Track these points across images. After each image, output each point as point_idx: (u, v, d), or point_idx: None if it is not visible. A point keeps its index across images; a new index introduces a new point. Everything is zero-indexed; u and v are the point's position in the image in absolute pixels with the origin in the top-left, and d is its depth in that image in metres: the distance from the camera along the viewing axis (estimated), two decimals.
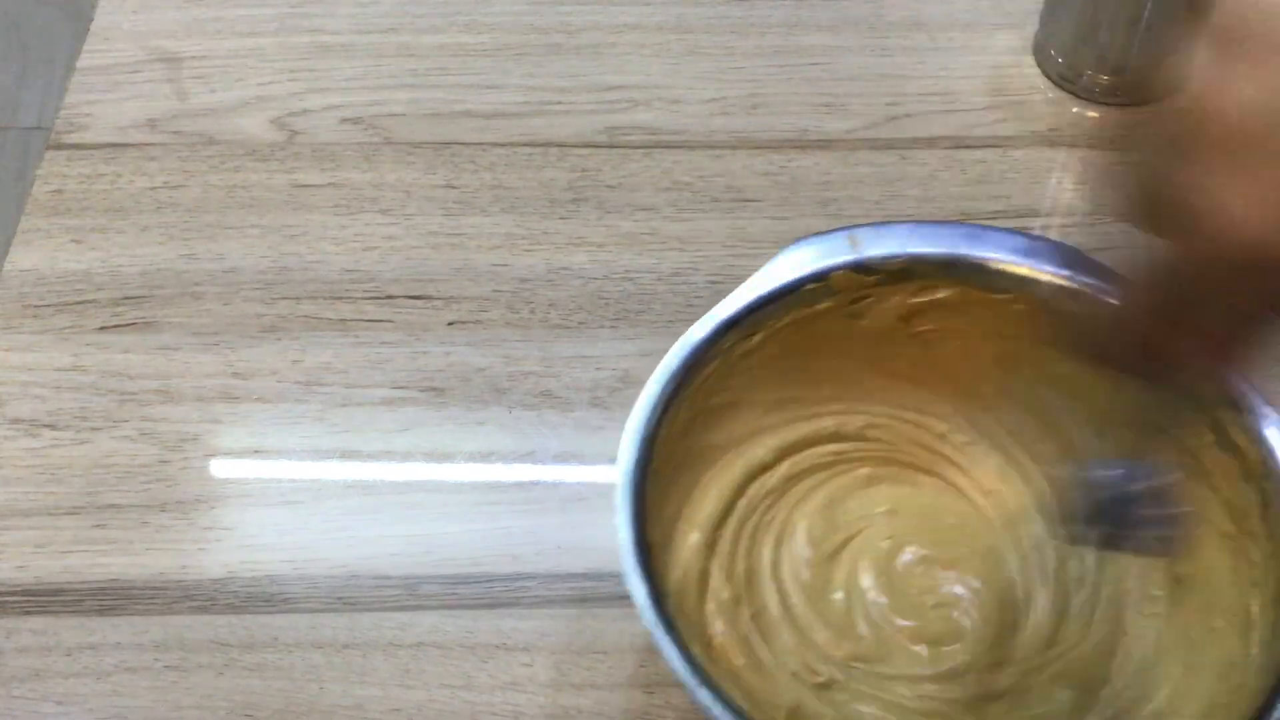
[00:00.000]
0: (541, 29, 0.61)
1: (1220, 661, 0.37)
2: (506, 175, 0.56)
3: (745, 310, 0.40)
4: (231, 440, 0.48)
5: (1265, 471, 0.36)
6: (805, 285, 0.40)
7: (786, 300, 0.40)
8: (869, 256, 0.40)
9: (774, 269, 0.40)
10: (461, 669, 0.43)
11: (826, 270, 0.40)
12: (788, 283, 0.40)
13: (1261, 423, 0.37)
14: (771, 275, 0.40)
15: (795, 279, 0.40)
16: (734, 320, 0.40)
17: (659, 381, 0.38)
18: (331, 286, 0.52)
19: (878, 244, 0.40)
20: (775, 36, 0.61)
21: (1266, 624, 0.36)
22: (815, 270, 0.40)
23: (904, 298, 0.41)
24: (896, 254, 0.40)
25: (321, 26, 0.61)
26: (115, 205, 0.55)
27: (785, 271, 0.40)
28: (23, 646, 0.43)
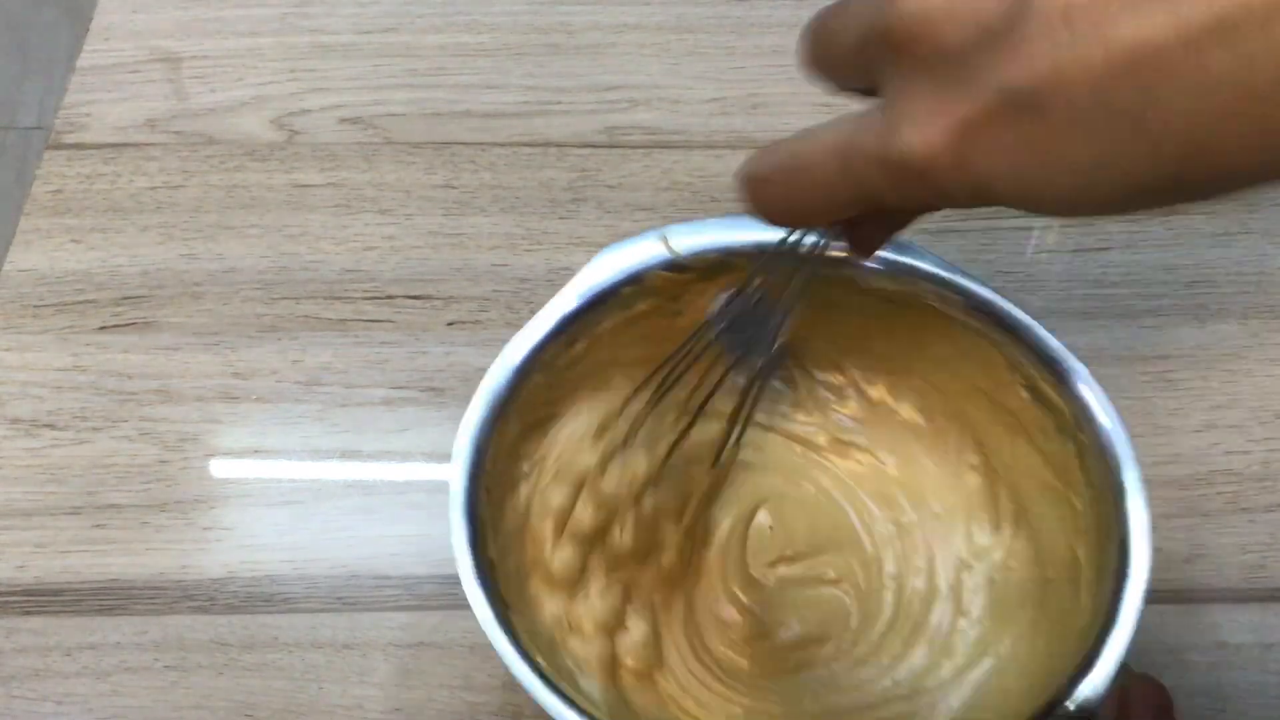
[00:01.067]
0: (541, 29, 0.61)
1: (1057, 610, 0.38)
2: (506, 175, 0.56)
3: (565, 320, 0.40)
4: (231, 440, 0.48)
5: (1078, 423, 0.38)
6: (622, 289, 0.40)
7: (604, 305, 0.40)
8: (681, 254, 0.40)
9: (588, 276, 0.40)
10: (461, 669, 0.43)
11: (640, 271, 0.40)
12: (604, 287, 0.40)
13: (1071, 378, 0.38)
14: (585, 282, 0.40)
15: (611, 283, 0.40)
16: (555, 331, 0.39)
17: (483, 401, 0.38)
18: (331, 286, 0.52)
19: (690, 241, 0.40)
20: (775, 36, 0.61)
21: (1093, 570, 0.37)
22: (630, 273, 0.40)
23: (720, 292, 0.41)
24: (708, 248, 0.40)
25: (321, 26, 0.61)
26: (115, 205, 0.55)
27: (600, 276, 0.40)
28: (23, 646, 0.43)
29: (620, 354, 0.42)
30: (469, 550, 0.36)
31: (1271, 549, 0.46)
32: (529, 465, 0.41)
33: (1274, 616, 0.45)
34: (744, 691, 0.40)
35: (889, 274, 0.40)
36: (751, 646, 0.41)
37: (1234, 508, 0.47)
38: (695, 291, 0.41)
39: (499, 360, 0.39)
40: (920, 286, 0.40)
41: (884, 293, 0.41)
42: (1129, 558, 0.35)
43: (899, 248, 0.40)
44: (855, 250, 0.37)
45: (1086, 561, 0.37)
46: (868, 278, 0.40)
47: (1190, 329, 0.52)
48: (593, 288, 0.40)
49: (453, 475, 0.37)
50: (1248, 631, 0.45)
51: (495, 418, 0.38)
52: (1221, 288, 0.53)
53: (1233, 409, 0.49)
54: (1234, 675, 0.44)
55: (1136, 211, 0.29)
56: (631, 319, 0.41)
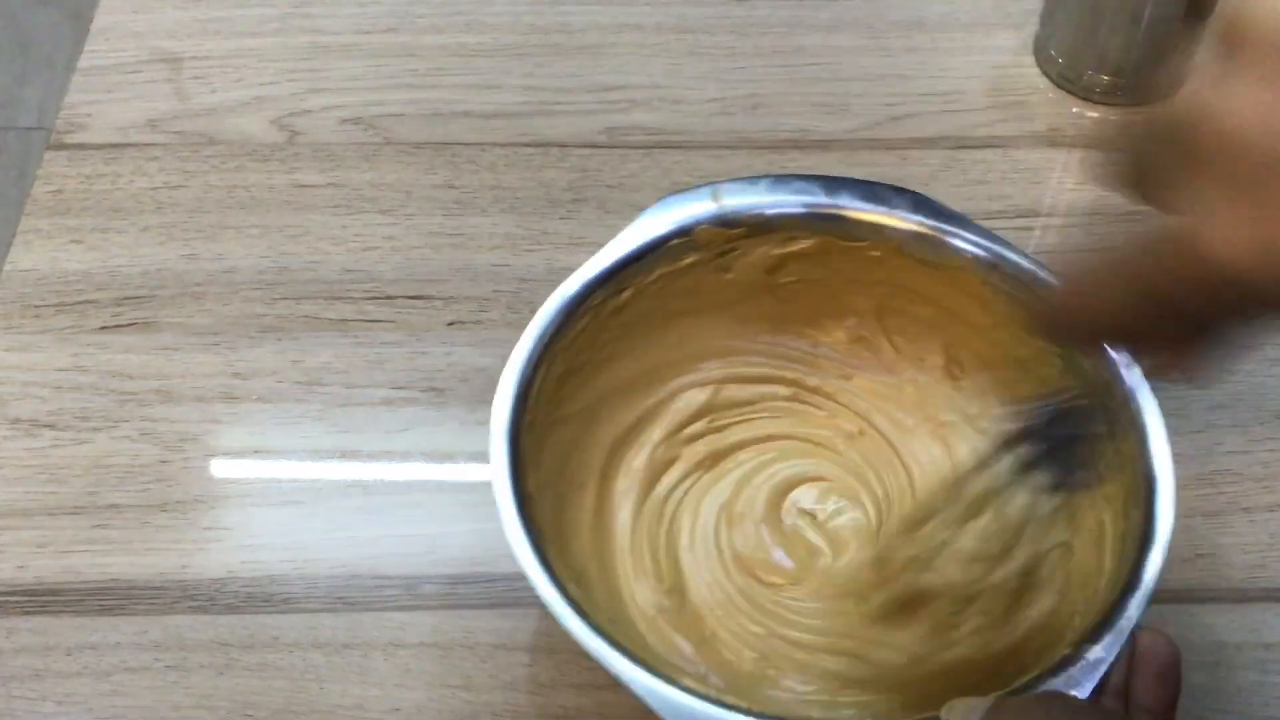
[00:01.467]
0: (541, 29, 0.61)
1: (1081, 573, 0.38)
2: (506, 175, 0.56)
3: (613, 267, 0.40)
4: (231, 440, 0.48)
5: (1108, 390, 0.38)
6: (670, 241, 0.41)
7: (653, 256, 0.41)
8: (730, 210, 0.41)
9: (640, 226, 0.41)
10: (461, 669, 0.43)
11: (690, 225, 0.41)
12: (653, 239, 0.41)
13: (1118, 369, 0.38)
14: (637, 233, 0.41)
15: (660, 235, 0.41)
16: (602, 278, 0.40)
17: (530, 339, 0.39)
18: (331, 286, 0.52)
19: (739, 198, 0.41)
20: (775, 36, 0.61)
21: (1117, 536, 0.37)
22: (679, 225, 0.41)
23: (767, 249, 0.42)
24: (757, 207, 0.41)
25: (321, 26, 0.61)
26: (115, 205, 0.55)
27: (651, 229, 0.41)
28: (23, 646, 0.43)
29: (666, 305, 0.42)
30: (509, 481, 0.36)
31: (1271, 549, 0.46)
32: (573, 406, 0.41)
33: (1274, 616, 0.45)
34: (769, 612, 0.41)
35: (930, 242, 0.41)
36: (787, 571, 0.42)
37: (1234, 508, 0.47)
38: (743, 248, 0.42)
39: (549, 300, 0.39)
40: (961, 256, 0.41)
41: (925, 260, 0.41)
42: (1154, 521, 0.36)
43: (946, 216, 0.41)
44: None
45: (1111, 528, 0.38)
46: (910, 243, 0.41)
47: None
48: (643, 238, 0.41)
49: (496, 407, 0.37)
50: (1248, 631, 0.45)
51: (540, 356, 0.39)
52: None
53: (1233, 409, 0.49)
54: (1234, 675, 0.44)
55: None
56: (678, 271, 0.42)
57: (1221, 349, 0.31)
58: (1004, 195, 0.55)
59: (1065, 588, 0.39)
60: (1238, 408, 0.49)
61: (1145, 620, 0.35)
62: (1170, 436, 0.48)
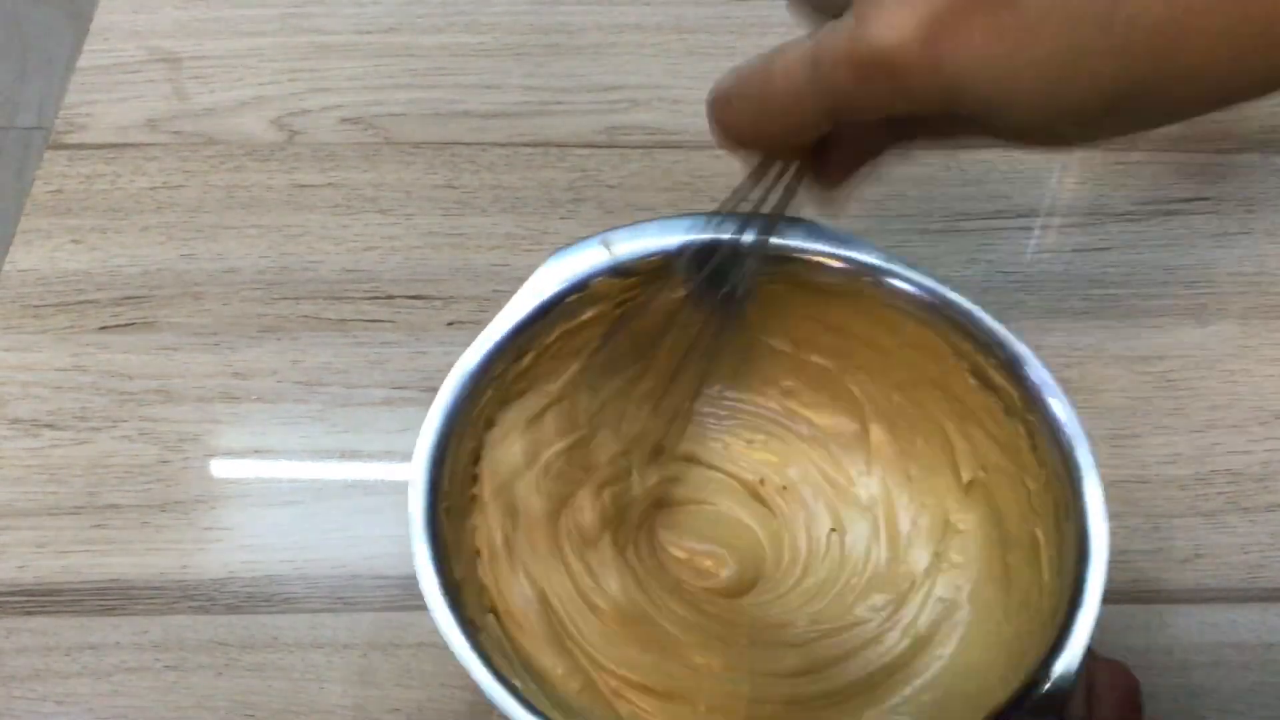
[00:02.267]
0: (541, 29, 0.61)
1: (1021, 591, 0.38)
2: (506, 175, 0.56)
3: (512, 333, 0.39)
4: (231, 440, 0.48)
5: (1026, 406, 0.38)
6: (567, 297, 0.40)
7: (550, 316, 0.40)
8: (624, 258, 0.40)
9: (533, 287, 0.40)
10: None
11: (585, 279, 0.40)
12: (549, 298, 0.40)
13: (1016, 361, 0.38)
14: (531, 293, 0.40)
15: (556, 293, 0.40)
16: (503, 345, 0.39)
17: (435, 421, 0.37)
18: (331, 286, 0.52)
19: (632, 245, 0.40)
20: (775, 36, 0.61)
21: (1053, 548, 0.37)
22: (574, 280, 0.40)
23: (666, 294, 0.41)
24: (651, 251, 0.40)
25: (321, 26, 0.61)
26: (115, 205, 0.55)
27: (545, 287, 0.40)
28: (23, 646, 0.43)
29: (564, 365, 0.41)
30: (434, 572, 0.35)
31: (1271, 549, 0.46)
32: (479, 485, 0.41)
33: (1274, 616, 0.45)
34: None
35: (831, 267, 0.40)
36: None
37: (1234, 508, 0.47)
38: (642, 295, 0.41)
39: (450, 377, 0.38)
40: (862, 278, 0.40)
41: (826, 286, 0.41)
42: (1088, 537, 0.35)
43: (840, 241, 0.40)
44: (824, 181, 0.36)
45: (1046, 542, 0.37)
46: (810, 272, 0.40)
47: (1190, 329, 0.52)
48: (539, 298, 0.39)
49: (411, 500, 0.36)
50: (1248, 631, 0.45)
51: (449, 435, 0.38)
52: (1221, 288, 0.53)
53: (1233, 409, 0.49)
54: (1234, 675, 0.44)
55: (1110, 134, 0.28)
56: (577, 327, 0.41)
57: (866, 158, 0.33)
58: (1004, 195, 0.55)
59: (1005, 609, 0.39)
60: (1238, 408, 0.49)
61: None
62: (1169, 438, 0.48)
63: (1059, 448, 0.37)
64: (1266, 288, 0.53)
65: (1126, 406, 0.49)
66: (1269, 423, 0.49)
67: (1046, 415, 0.37)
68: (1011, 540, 0.39)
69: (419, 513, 0.36)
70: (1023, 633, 0.37)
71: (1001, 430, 0.39)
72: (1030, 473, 0.38)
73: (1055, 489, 0.37)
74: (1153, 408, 0.49)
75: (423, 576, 0.35)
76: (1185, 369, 0.50)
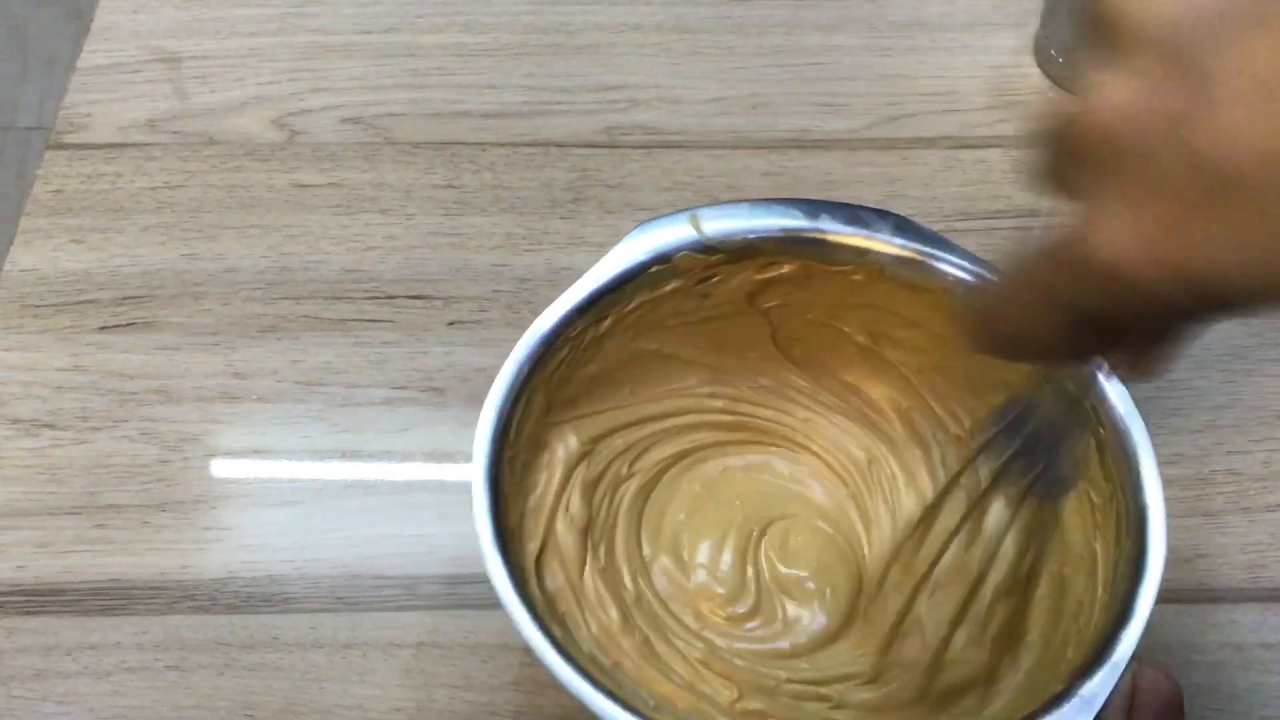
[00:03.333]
0: (541, 29, 0.61)
1: (1074, 603, 0.38)
2: (506, 175, 0.56)
3: (593, 296, 0.40)
4: (231, 440, 0.48)
5: (1099, 419, 0.38)
6: (650, 268, 0.40)
7: (633, 284, 0.40)
8: (711, 236, 0.40)
9: (619, 254, 0.40)
10: (461, 669, 0.43)
11: (670, 251, 0.40)
12: (633, 266, 0.40)
13: (1090, 369, 0.38)
14: (617, 260, 0.40)
15: (640, 262, 0.40)
16: (582, 306, 0.40)
17: (509, 372, 0.38)
18: (331, 286, 0.52)
19: (719, 223, 0.41)
20: (775, 36, 0.61)
21: (1109, 565, 0.37)
22: (659, 252, 0.40)
23: (748, 275, 0.42)
24: (737, 232, 0.41)
25: (321, 26, 0.61)
26: (115, 205, 0.55)
27: (630, 256, 0.40)
28: (23, 646, 0.43)
29: (645, 335, 0.42)
30: (489, 519, 0.36)
31: (1272, 549, 0.46)
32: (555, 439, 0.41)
33: (1274, 616, 0.45)
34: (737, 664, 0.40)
35: (913, 265, 0.40)
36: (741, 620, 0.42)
37: (1235, 507, 0.47)
38: (723, 274, 0.42)
39: (528, 333, 0.39)
40: (944, 278, 0.40)
41: (909, 283, 0.41)
42: (1146, 553, 0.35)
43: (929, 239, 0.40)
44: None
45: (1104, 556, 0.37)
46: (893, 267, 0.41)
47: None
48: (622, 266, 0.40)
49: (476, 444, 0.37)
50: (1248, 631, 0.45)
51: (520, 390, 0.38)
52: None
53: (1233, 409, 0.49)
54: (1235, 675, 0.44)
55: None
56: (658, 299, 0.41)
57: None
58: (1004, 195, 0.55)
59: (1056, 618, 0.39)
60: (1238, 408, 0.49)
61: (1145, 648, 0.35)
62: (1169, 438, 0.48)
63: (1127, 463, 0.37)
64: None
65: None
66: (1269, 423, 0.49)
67: (1117, 430, 0.37)
68: (1070, 552, 0.39)
69: (482, 461, 0.37)
70: (1069, 643, 0.37)
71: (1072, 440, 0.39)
72: (1096, 486, 0.38)
73: (1119, 503, 0.37)
74: (1153, 408, 0.49)
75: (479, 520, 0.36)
76: (1185, 369, 0.50)
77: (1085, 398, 0.37)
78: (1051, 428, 0.37)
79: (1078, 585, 0.38)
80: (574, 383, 0.42)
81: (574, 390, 0.42)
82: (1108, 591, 0.36)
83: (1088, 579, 0.38)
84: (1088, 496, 0.39)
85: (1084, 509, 0.39)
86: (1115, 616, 0.34)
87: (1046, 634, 0.39)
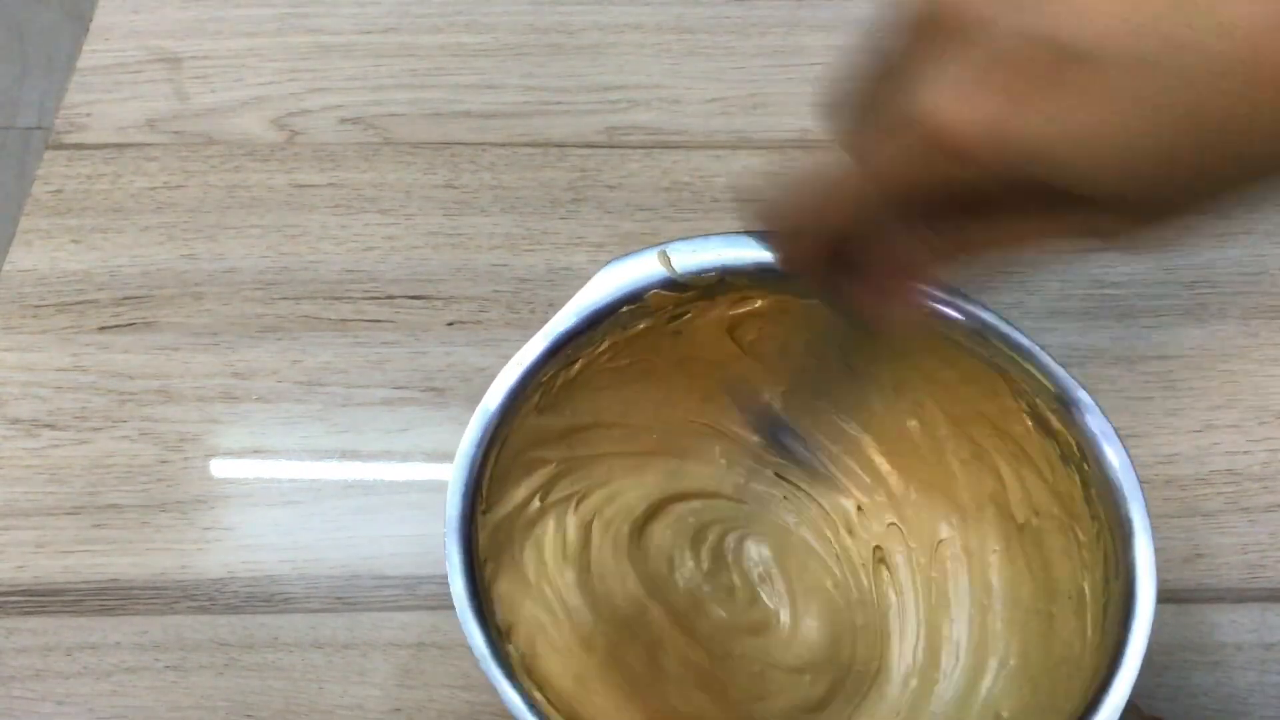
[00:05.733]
0: (541, 29, 0.61)
1: (1061, 644, 0.37)
2: (506, 175, 0.56)
3: (563, 339, 0.39)
4: (231, 440, 0.48)
5: (1083, 455, 0.37)
6: (621, 308, 0.39)
7: (603, 325, 0.39)
8: (682, 273, 0.39)
9: (587, 294, 0.39)
10: (461, 669, 0.43)
11: (640, 290, 0.39)
12: (602, 306, 0.39)
13: (1076, 408, 0.37)
14: (585, 300, 0.39)
15: (610, 301, 0.39)
16: (553, 349, 0.39)
17: (478, 424, 0.37)
18: (331, 286, 0.52)
19: (690, 259, 0.39)
20: (775, 36, 0.61)
21: (1098, 605, 0.36)
22: (629, 291, 0.39)
23: (722, 311, 0.41)
24: (708, 267, 0.39)
25: (321, 26, 0.61)
26: (115, 205, 0.55)
27: (599, 296, 0.39)
28: (23, 646, 0.43)
29: (616, 376, 0.41)
30: (463, 579, 0.35)
31: (1271, 549, 0.46)
32: (526, 489, 0.41)
33: (1274, 616, 0.45)
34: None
35: None
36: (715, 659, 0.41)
37: (1234, 508, 0.47)
38: (695, 310, 0.41)
39: (496, 383, 0.38)
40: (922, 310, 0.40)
41: None
42: (1135, 596, 0.34)
43: None
44: (864, 303, 0.34)
45: (1092, 596, 0.37)
46: None
47: (1190, 329, 0.52)
48: (591, 306, 0.39)
49: (449, 499, 0.36)
50: (1248, 631, 0.45)
51: (490, 441, 0.37)
52: (1221, 288, 0.53)
53: (1233, 409, 0.49)
54: (1234, 675, 0.44)
55: (1220, 185, 0.26)
56: (630, 338, 0.40)
57: (959, 247, 0.30)
58: None
59: (1046, 662, 0.38)
60: (1238, 408, 0.49)
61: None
62: (1168, 438, 0.48)
63: (1112, 501, 0.36)
64: (1267, 288, 0.53)
65: (1126, 406, 0.49)
66: (1269, 423, 0.49)
67: (1103, 466, 0.36)
68: (1058, 590, 0.39)
69: (455, 514, 0.36)
70: (1059, 686, 0.36)
71: (1056, 477, 0.38)
72: (1082, 524, 0.37)
73: (1105, 543, 0.36)
74: (1153, 408, 0.49)
75: (454, 580, 0.35)
76: (1185, 369, 0.50)
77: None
78: None
79: (1067, 626, 0.38)
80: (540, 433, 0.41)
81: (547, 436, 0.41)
82: (1098, 632, 0.35)
83: (1075, 618, 0.37)
84: (1073, 533, 0.38)
85: (1070, 547, 0.38)
86: (1109, 660, 0.34)
87: (1035, 677, 0.38)
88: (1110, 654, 0.34)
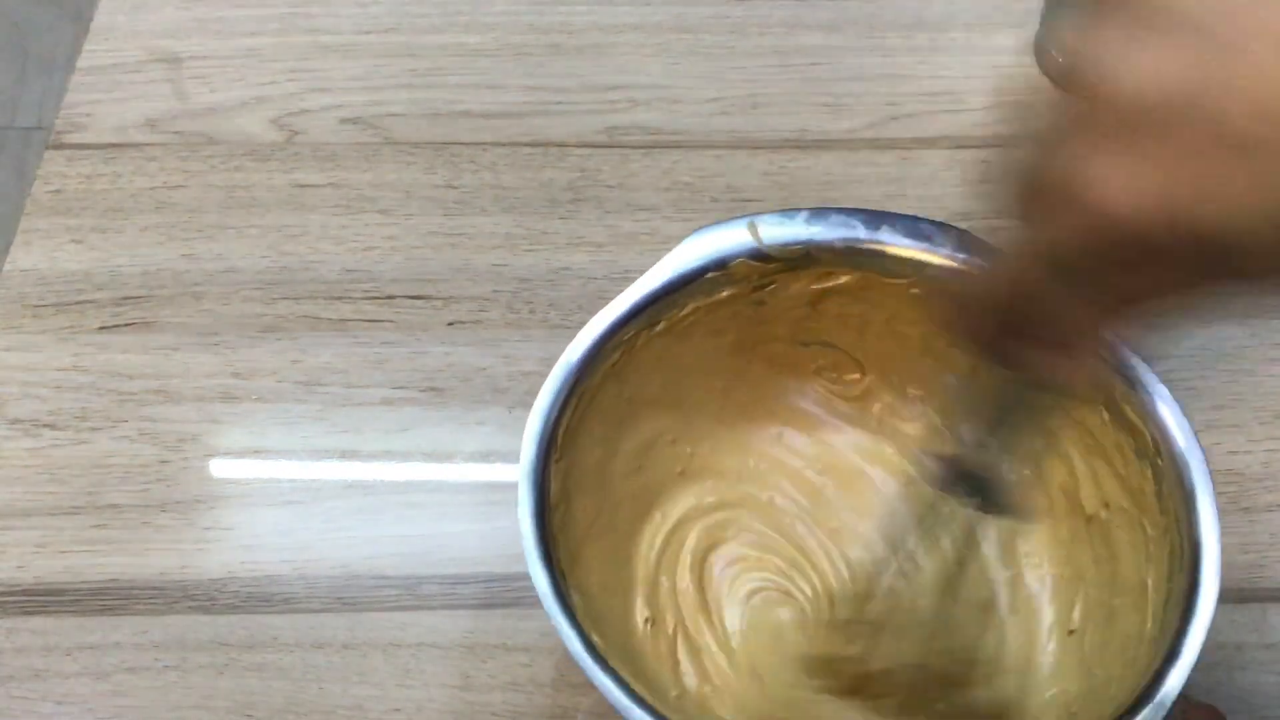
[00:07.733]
0: (541, 29, 0.61)
1: (1121, 636, 0.38)
2: (506, 175, 0.56)
3: (647, 300, 0.39)
4: (231, 440, 0.48)
5: (1157, 449, 0.37)
6: (706, 274, 0.40)
7: (688, 289, 0.40)
8: (768, 244, 0.40)
9: (675, 259, 0.40)
10: (461, 669, 0.43)
11: (727, 258, 0.40)
12: (688, 271, 0.40)
13: (1153, 400, 0.37)
14: (672, 265, 0.40)
15: (695, 268, 0.40)
16: (636, 310, 0.39)
17: (559, 375, 0.38)
18: (331, 286, 0.52)
19: (778, 231, 0.40)
20: (775, 36, 0.61)
21: (1159, 600, 0.36)
22: (715, 258, 0.40)
23: (805, 284, 0.41)
24: (795, 240, 0.40)
25: (321, 26, 0.61)
26: (115, 205, 0.55)
27: (686, 261, 0.40)
28: (23, 646, 0.43)
29: (699, 341, 0.42)
30: (533, 522, 0.35)
31: (1271, 549, 0.46)
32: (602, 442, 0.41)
33: (1274, 616, 0.45)
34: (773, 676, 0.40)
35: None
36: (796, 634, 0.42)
37: (1234, 507, 0.47)
38: (779, 282, 0.41)
39: (579, 336, 0.38)
40: None
41: None
42: (1198, 591, 0.34)
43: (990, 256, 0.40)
44: (1049, 368, 0.33)
45: (1155, 590, 0.36)
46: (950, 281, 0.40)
47: (1190, 329, 0.52)
48: (678, 271, 0.40)
49: (525, 444, 0.36)
50: (1248, 631, 0.45)
51: (569, 393, 0.38)
52: None
53: (1233, 409, 0.49)
54: (1234, 675, 0.44)
55: None
56: (714, 305, 0.41)
57: (1147, 319, 0.29)
58: None
59: (1104, 653, 0.38)
60: (1238, 408, 0.49)
61: None
62: None
63: (1183, 497, 0.36)
64: None
65: None
66: (1269, 423, 0.49)
67: (1176, 462, 0.36)
68: (1122, 583, 0.39)
69: (529, 462, 0.36)
70: (1114, 678, 0.36)
71: (1129, 470, 0.38)
72: (1151, 518, 0.37)
73: (1173, 538, 0.36)
74: None
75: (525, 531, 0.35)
76: (1185, 369, 0.50)
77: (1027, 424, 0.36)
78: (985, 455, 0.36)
79: (1128, 620, 0.37)
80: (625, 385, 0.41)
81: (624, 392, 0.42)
82: (1156, 625, 0.35)
83: (1137, 613, 0.37)
84: (1141, 527, 0.38)
85: (1137, 540, 0.38)
86: (1164, 653, 0.34)
87: (1091, 665, 0.38)
88: (1168, 646, 0.34)
